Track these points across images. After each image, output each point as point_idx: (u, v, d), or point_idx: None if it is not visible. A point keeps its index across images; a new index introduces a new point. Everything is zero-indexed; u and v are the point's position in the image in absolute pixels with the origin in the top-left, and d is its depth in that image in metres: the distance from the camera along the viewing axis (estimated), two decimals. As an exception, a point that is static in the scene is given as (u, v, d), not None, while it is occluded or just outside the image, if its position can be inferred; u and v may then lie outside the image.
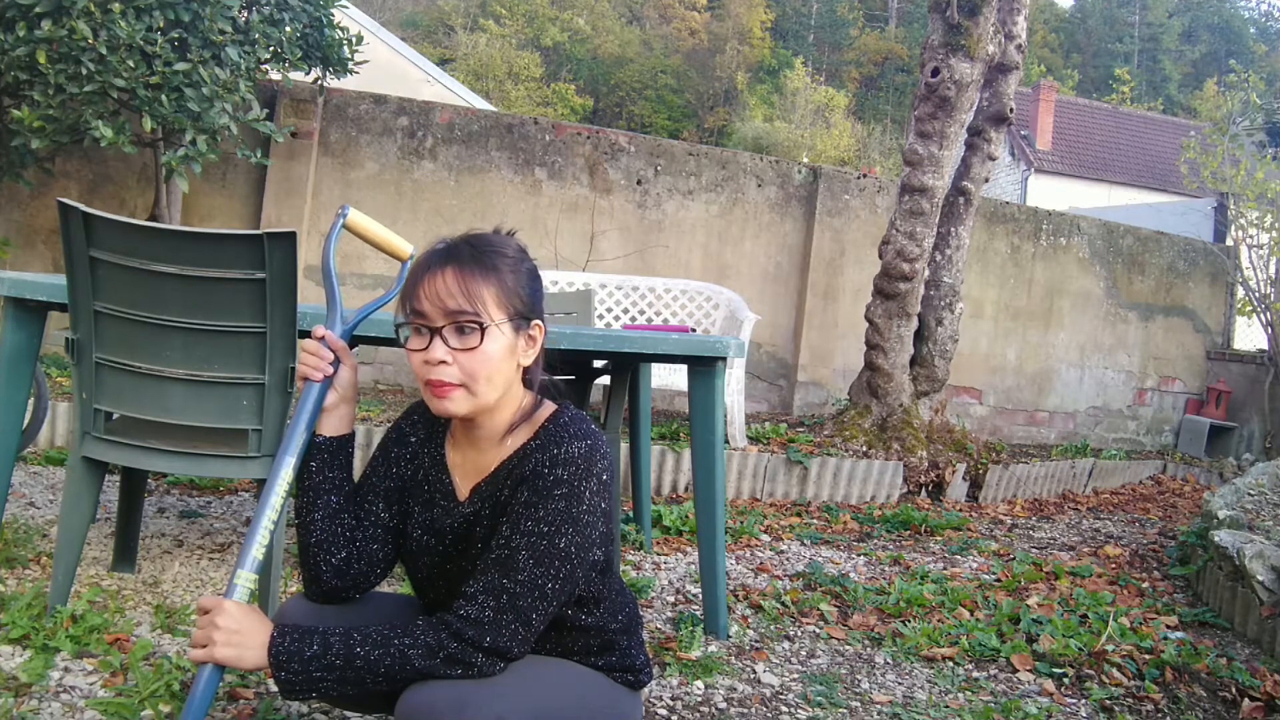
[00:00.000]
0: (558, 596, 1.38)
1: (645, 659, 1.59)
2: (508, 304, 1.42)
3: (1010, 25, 5.43)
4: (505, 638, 1.34)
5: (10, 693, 1.95)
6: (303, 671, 1.31)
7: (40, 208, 5.41)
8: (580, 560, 1.39)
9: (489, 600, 1.34)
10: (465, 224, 6.02)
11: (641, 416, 3.56)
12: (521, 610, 1.34)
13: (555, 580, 1.36)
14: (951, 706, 2.44)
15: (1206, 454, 7.76)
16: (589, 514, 1.39)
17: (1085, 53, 47.47)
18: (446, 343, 1.39)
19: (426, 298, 1.39)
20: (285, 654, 1.31)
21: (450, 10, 37.51)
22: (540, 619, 1.37)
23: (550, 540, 1.36)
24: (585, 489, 1.38)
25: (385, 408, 4.92)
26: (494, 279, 1.41)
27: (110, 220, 2.13)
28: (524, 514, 1.37)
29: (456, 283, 1.39)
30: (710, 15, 42.95)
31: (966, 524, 4.66)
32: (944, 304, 5.54)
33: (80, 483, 2.31)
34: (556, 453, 1.39)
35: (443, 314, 1.39)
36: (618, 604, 1.54)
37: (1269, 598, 3.14)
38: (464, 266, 1.40)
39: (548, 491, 1.37)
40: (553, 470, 1.38)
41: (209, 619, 1.33)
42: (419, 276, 1.42)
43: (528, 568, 1.35)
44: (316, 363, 1.50)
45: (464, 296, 1.38)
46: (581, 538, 1.38)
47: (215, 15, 4.33)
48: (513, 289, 1.43)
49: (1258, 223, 7.99)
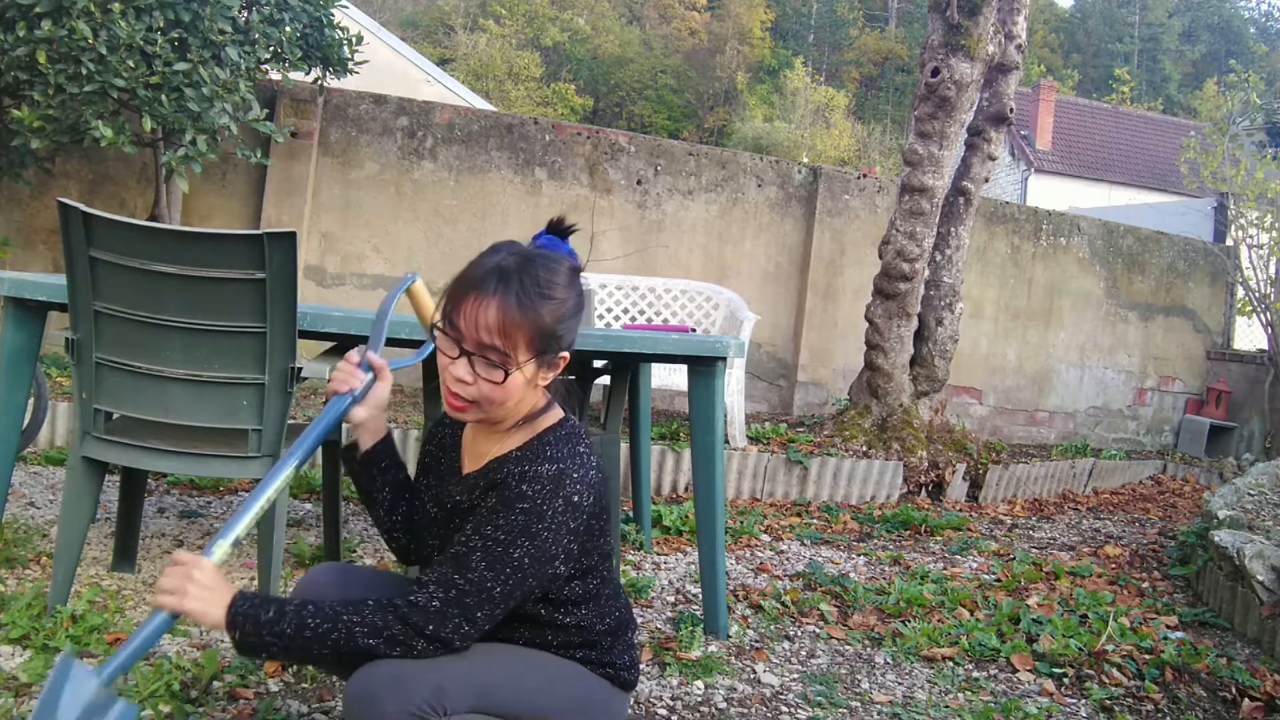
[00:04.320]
0: (505, 601, 1.42)
1: (631, 660, 1.61)
2: (540, 345, 1.44)
3: (1010, 25, 5.43)
4: (448, 630, 1.39)
5: (10, 693, 1.95)
6: (254, 634, 1.37)
7: (40, 208, 5.41)
8: (534, 572, 1.42)
9: (438, 591, 1.40)
10: (465, 224, 6.04)
11: (641, 416, 3.56)
12: (467, 607, 1.39)
13: (503, 586, 1.40)
14: (951, 706, 2.44)
15: (1206, 454, 7.76)
16: (549, 531, 1.42)
17: (1085, 53, 47.46)
18: (473, 366, 1.43)
19: (465, 318, 1.42)
20: (242, 616, 1.37)
21: (450, 10, 37.50)
22: (486, 618, 1.42)
23: (505, 548, 1.40)
24: (549, 509, 1.42)
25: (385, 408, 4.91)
26: (533, 322, 1.42)
27: (110, 220, 2.13)
28: (487, 518, 1.43)
29: (498, 319, 1.40)
30: (710, 15, 42.94)
31: (966, 524, 4.66)
32: (944, 304, 5.54)
33: (80, 483, 2.31)
34: (528, 469, 1.44)
35: (476, 343, 1.42)
36: (607, 608, 1.57)
37: (1269, 598, 3.14)
38: (508, 304, 1.41)
39: (512, 504, 1.42)
40: (519, 485, 1.42)
41: (185, 571, 1.38)
42: (467, 291, 1.43)
43: (479, 569, 1.40)
44: (347, 377, 1.57)
45: (500, 335, 1.41)
46: (538, 552, 1.41)
47: (215, 15, 4.33)
48: (549, 331, 1.44)
49: (1258, 223, 7.99)
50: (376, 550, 3.26)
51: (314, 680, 2.16)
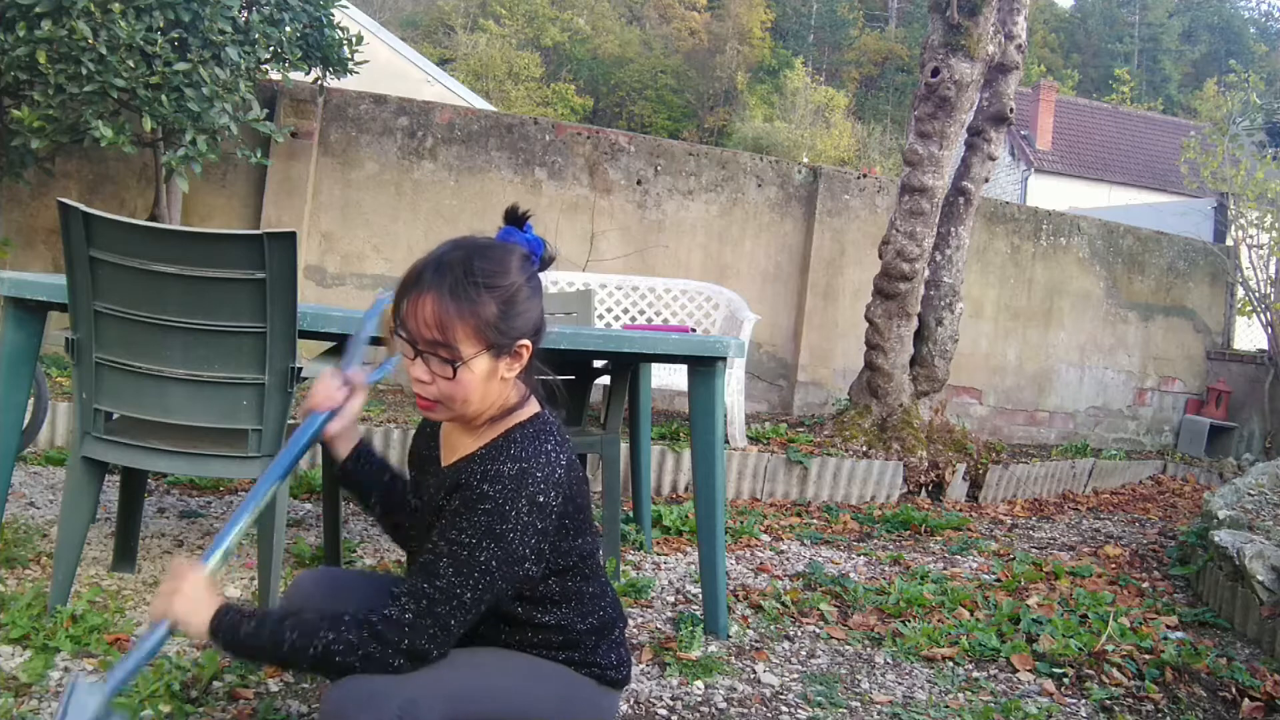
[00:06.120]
0: (476, 605, 1.41)
1: (617, 660, 1.60)
2: (484, 337, 1.41)
3: (1010, 25, 5.43)
4: (423, 641, 1.38)
5: (10, 693, 1.95)
6: (233, 644, 1.40)
7: (40, 208, 5.41)
8: (502, 574, 1.41)
9: (409, 603, 1.39)
10: (465, 224, 6.03)
11: (641, 416, 3.56)
12: (439, 616, 1.39)
13: (473, 591, 1.40)
14: (951, 706, 2.44)
15: (1206, 454, 7.76)
16: (515, 532, 1.40)
17: (1085, 53, 47.46)
18: (427, 365, 1.42)
19: (410, 316, 1.42)
20: (222, 626, 1.40)
21: (450, 10, 37.50)
22: (459, 624, 1.41)
23: (471, 552, 1.39)
24: (512, 509, 1.40)
25: (385, 408, 4.92)
26: (471, 314, 1.40)
27: (110, 220, 2.13)
28: (451, 521, 1.42)
29: (434, 314, 1.39)
30: (710, 15, 42.94)
31: (966, 524, 4.66)
32: (944, 304, 5.54)
33: (80, 483, 2.31)
34: (489, 469, 1.43)
35: (423, 341, 1.41)
36: (589, 607, 1.56)
37: (1269, 598, 3.14)
38: (443, 297, 1.39)
39: (474, 505, 1.40)
40: (480, 485, 1.41)
41: (175, 582, 1.43)
42: (407, 290, 1.42)
43: (447, 576, 1.39)
44: (327, 396, 1.58)
45: (438, 329, 1.40)
46: (504, 554, 1.40)
47: (215, 15, 4.33)
48: (492, 322, 1.41)
49: (1258, 223, 7.98)
50: (376, 550, 3.26)
51: (314, 680, 2.16)
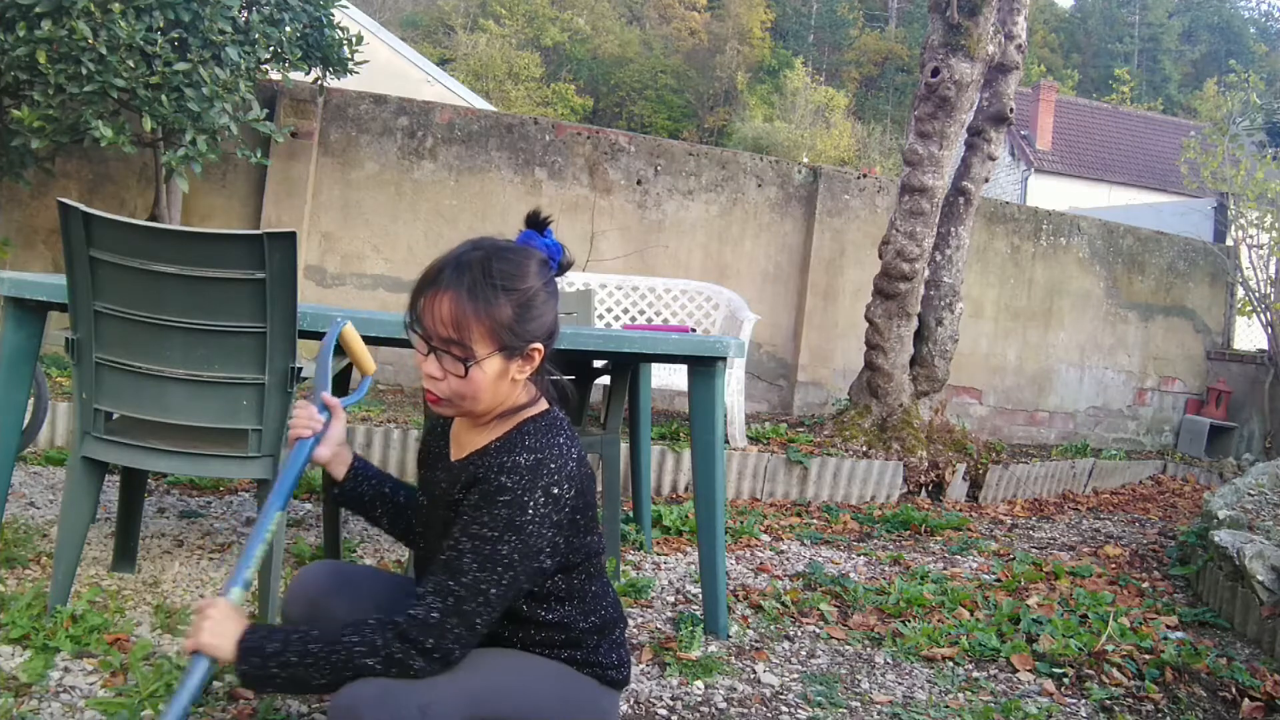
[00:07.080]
0: (500, 601, 1.42)
1: (619, 659, 1.60)
2: (498, 338, 1.43)
3: (1010, 25, 5.43)
4: (449, 640, 1.39)
5: (10, 693, 1.95)
6: (261, 665, 1.38)
7: (40, 208, 5.41)
8: (524, 568, 1.42)
9: (436, 601, 1.39)
10: (465, 224, 6.04)
11: (641, 416, 3.56)
12: (466, 614, 1.39)
13: (498, 585, 1.40)
14: (951, 706, 2.44)
15: (1206, 454, 7.76)
16: (534, 524, 1.42)
17: (1085, 53, 47.46)
18: (440, 362, 1.44)
19: (426, 313, 1.44)
20: (249, 648, 1.39)
21: (450, 10, 37.50)
22: (484, 623, 1.42)
23: (494, 546, 1.40)
24: (530, 500, 1.41)
25: (385, 407, 4.92)
26: (488, 315, 1.42)
27: (110, 220, 2.13)
28: (472, 516, 1.42)
29: (450, 312, 1.41)
30: (710, 15, 42.95)
31: (966, 524, 4.66)
32: (944, 304, 5.54)
33: (80, 483, 2.31)
34: (505, 461, 1.44)
35: (438, 338, 1.43)
36: (591, 606, 1.57)
37: (1269, 598, 3.14)
38: (461, 296, 1.41)
39: (492, 497, 1.41)
40: (498, 477, 1.42)
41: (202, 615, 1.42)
42: (425, 287, 1.44)
43: (471, 571, 1.39)
44: (307, 422, 1.59)
45: (454, 328, 1.42)
46: (525, 546, 1.41)
47: (215, 15, 4.33)
48: (507, 324, 1.43)
49: (1258, 223, 7.98)
50: (377, 550, 3.26)
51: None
